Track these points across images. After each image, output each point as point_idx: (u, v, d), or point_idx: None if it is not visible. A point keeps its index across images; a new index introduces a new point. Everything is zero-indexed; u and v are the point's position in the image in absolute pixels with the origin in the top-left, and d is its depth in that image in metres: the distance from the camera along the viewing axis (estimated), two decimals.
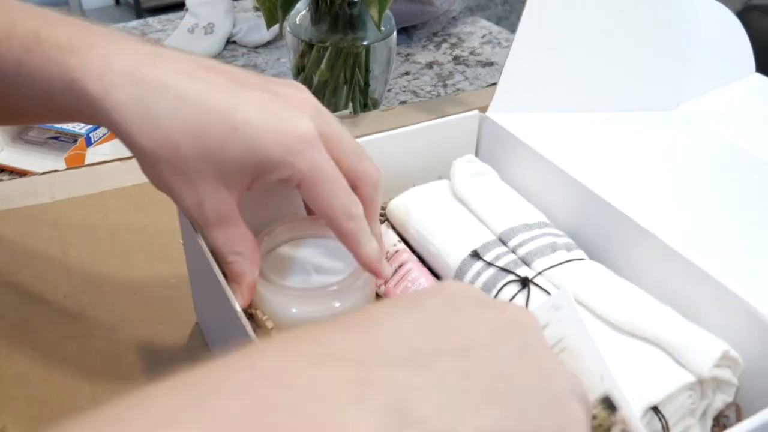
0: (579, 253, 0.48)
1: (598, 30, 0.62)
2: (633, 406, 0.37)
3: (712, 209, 0.52)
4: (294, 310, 0.43)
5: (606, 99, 0.63)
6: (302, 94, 0.41)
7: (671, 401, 0.38)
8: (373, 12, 0.70)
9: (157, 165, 0.39)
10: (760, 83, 0.72)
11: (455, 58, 1.10)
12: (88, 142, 0.79)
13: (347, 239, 0.41)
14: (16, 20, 0.40)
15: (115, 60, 0.38)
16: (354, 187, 0.41)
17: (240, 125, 0.37)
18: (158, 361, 0.52)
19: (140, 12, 3.60)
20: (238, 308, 0.39)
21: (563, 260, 0.47)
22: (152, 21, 1.23)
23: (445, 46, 1.14)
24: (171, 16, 1.24)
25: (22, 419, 0.47)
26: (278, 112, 0.38)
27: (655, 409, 0.38)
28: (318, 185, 0.39)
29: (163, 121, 0.37)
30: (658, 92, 0.67)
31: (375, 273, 0.43)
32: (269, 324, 0.43)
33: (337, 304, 0.44)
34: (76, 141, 0.80)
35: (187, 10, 1.17)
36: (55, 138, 0.81)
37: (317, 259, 0.48)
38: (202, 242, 0.43)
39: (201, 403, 0.22)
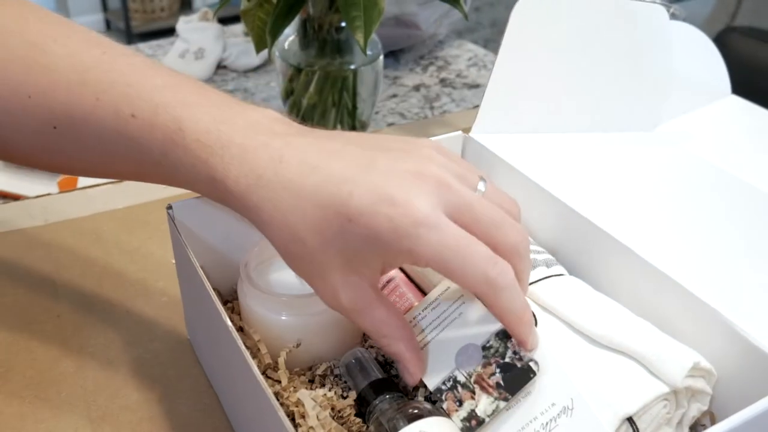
0: (558, 269, 0.50)
1: (578, 53, 0.64)
2: (607, 416, 0.39)
3: (688, 226, 0.54)
4: (283, 317, 0.45)
5: (586, 120, 0.65)
6: (425, 165, 0.39)
7: (646, 412, 0.40)
8: (359, 37, 0.72)
9: (291, 259, 0.40)
10: (735, 105, 0.74)
11: (442, 80, 1.12)
12: None
13: (496, 311, 0.40)
14: (159, 106, 0.41)
15: (248, 159, 0.39)
16: None
17: (354, 217, 0.37)
18: (151, 376, 0.53)
19: (131, 37, 3.63)
20: (229, 323, 0.41)
21: (543, 276, 0.48)
22: (143, 47, 1.24)
23: (431, 68, 1.16)
24: (162, 41, 1.26)
25: None
26: (393, 195, 0.37)
27: (630, 420, 0.39)
28: (446, 265, 0.37)
29: (289, 218, 0.38)
30: (637, 113, 0.69)
31: (520, 342, 0.41)
32: (256, 336, 0.45)
33: (322, 312, 0.46)
34: None
35: (177, 35, 1.19)
36: None
37: None
38: (195, 261, 0.45)
39: None
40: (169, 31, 1.24)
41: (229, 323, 0.41)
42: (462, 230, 0.37)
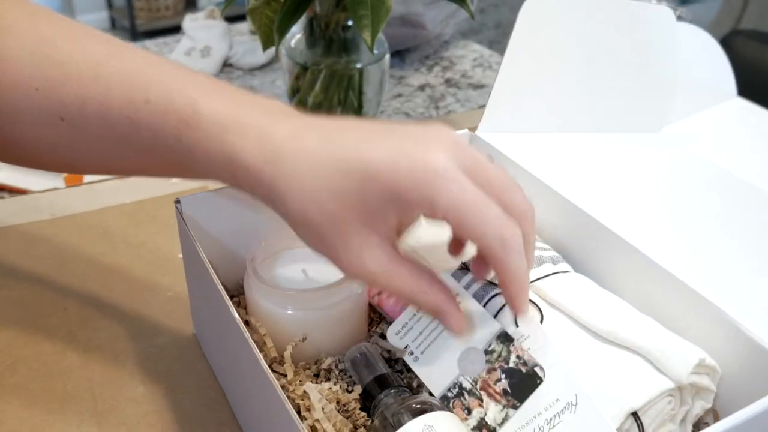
0: (564, 266, 0.50)
1: (585, 54, 0.64)
2: (613, 411, 0.39)
3: (692, 225, 0.54)
4: (289, 311, 0.45)
5: (592, 120, 0.66)
6: (437, 132, 0.40)
7: (651, 407, 0.40)
8: (366, 36, 0.72)
9: (309, 231, 0.40)
10: (741, 106, 0.74)
11: (447, 80, 1.12)
12: None
13: (499, 267, 0.40)
14: (173, 91, 0.42)
15: (265, 136, 0.40)
16: None
17: (373, 174, 0.38)
18: (157, 371, 0.53)
19: (136, 35, 3.64)
20: (237, 316, 0.41)
21: (549, 273, 0.48)
22: (149, 44, 1.25)
23: (437, 68, 1.16)
24: (168, 39, 1.26)
25: (26, 428, 0.48)
26: (409, 151, 0.38)
27: (635, 415, 0.39)
28: (464, 218, 0.37)
29: (307, 185, 0.38)
30: (643, 114, 0.69)
31: (514, 306, 0.42)
32: (262, 330, 0.45)
33: (328, 306, 0.46)
34: None
35: (184, 33, 1.19)
36: None
37: (313, 265, 0.49)
38: (203, 255, 0.45)
39: None
40: (174, 30, 1.24)
41: (237, 316, 0.41)
42: (478, 188, 0.38)
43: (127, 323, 0.57)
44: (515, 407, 0.41)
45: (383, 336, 0.50)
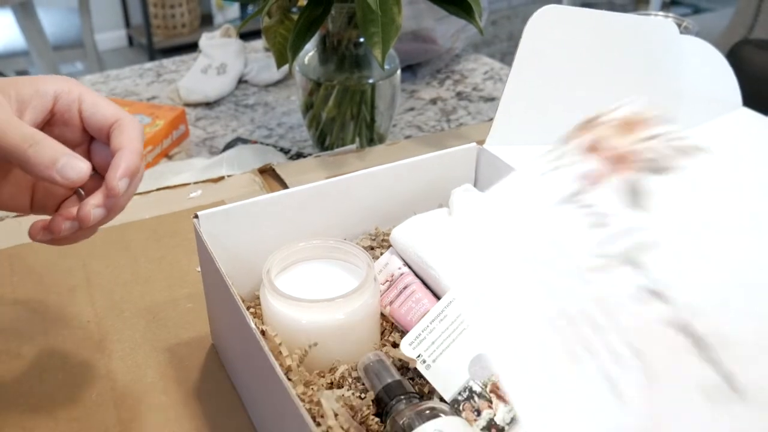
0: None
1: (590, 66, 0.66)
2: None
3: (699, 232, 0.55)
4: (304, 321, 0.47)
5: None
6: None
7: None
8: (377, 53, 0.74)
9: None
10: (745, 117, 0.76)
11: (458, 93, 1.14)
12: None
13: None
14: None
15: None
16: None
17: None
18: (177, 379, 0.55)
19: (153, 53, 3.68)
20: (254, 326, 0.43)
21: None
22: (167, 62, 1.28)
23: (448, 82, 1.18)
24: (185, 57, 1.29)
25: None
26: None
27: None
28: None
29: None
30: None
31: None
32: (278, 339, 0.47)
33: (341, 316, 0.48)
34: None
35: (200, 51, 1.22)
36: None
37: (326, 274, 0.51)
38: (220, 267, 0.47)
39: None
40: (191, 47, 1.27)
41: (253, 326, 0.43)
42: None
43: (149, 334, 0.59)
44: None
45: (395, 345, 0.52)
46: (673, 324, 0.29)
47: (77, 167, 0.44)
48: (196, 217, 0.52)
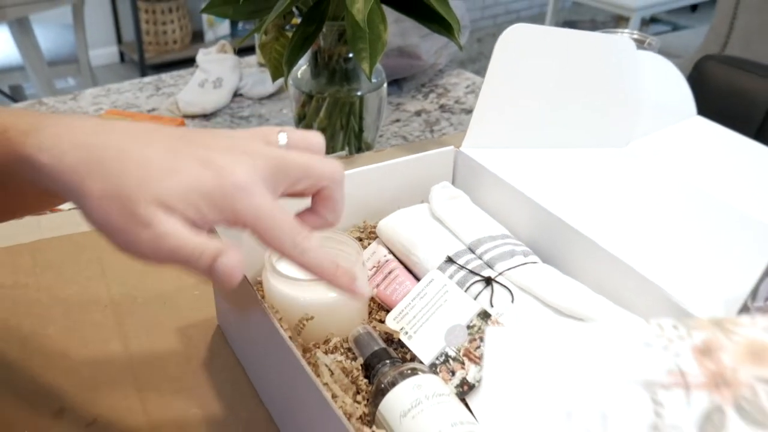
0: (534, 257, 0.59)
1: (558, 78, 0.74)
2: None
3: (647, 224, 0.63)
4: (301, 299, 0.54)
5: (565, 137, 0.75)
6: (265, 147, 0.46)
7: None
8: (365, 67, 0.81)
9: (102, 208, 0.42)
10: (699, 124, 0.83)
11: (441, 106, 1.21)
12: None
13: (308, 269, 0.45)
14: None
15: (64, 135, 0.43)
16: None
17: (177, 176, 0.42)
18: (187, 354, 0.62)
19: (144, 69, 3.75)
20: (260, 297, 0.50)
21: (520, 263, 0.57)
22: (165, 76, 1.35)
23: (432, 95, 1.26)
24: (182, 72, 1.36)
25: (78, 401, 0.57)
26: (217, 161, 0.43)
27: None
28: (262, 228, 0.43)
29: (108, 170, 0.42)
30: (610, 132, 0.78)
31: (346, 287, 0.47)
32: (278, 316, 0.54)
33: (334, 294, 0.55)
34: None
35: (197, 66, 1.29)
36: None
37: None
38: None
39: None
40: (182, 63, 1.34)
41: (258, 295, 0.50)
42: (273, 201, 0.44)
43: (160, 317, 0.66)
44: None
45: (382, 321, 0.59)
46: None
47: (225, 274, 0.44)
48: None
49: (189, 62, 1.32)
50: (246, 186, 0.43)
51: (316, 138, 0.50)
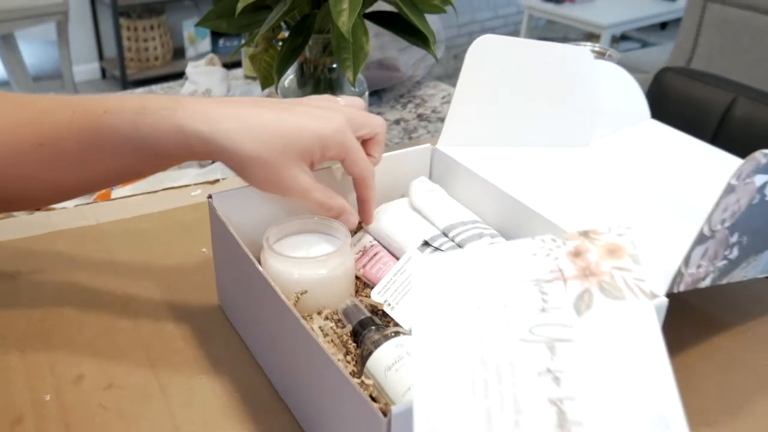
0: (500, 239, 0.66)
1: (524, 83, 0.82)
2: None
3: (603, 210, 0.71)
4: (296, 275, 0.61)
5: (531, 137, 0.83)
6: (334, 103, 0.66)
7: None
8: (349, 74, 0.89)
9: (259, 165, 0.59)
10: (652, 127, 0.92)
11: (419, 115, 1.29)
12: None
13: (365, 189, 0.67)
14: (124, 98, 0.60)
15: (208, 109, 0.59)
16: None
17: (306, 124, 0.60)
18: (191, 329, 0.69)
19: (126, 85, 3.81)
20: (260, 268, 0.57)
21: (487, 244, 0.65)
22: (156, 88, 1.42)
23: (410, 105, 1.34)
24: (172, 83, 1.43)
25: (95, 369, 0.64)
26: (325, 115, 0.62)
27: None
28: (354, 155, 0.63)
29: (257, 135, 0.59)
30: (572, 133, 0.86)
31: (367, 214, 0.70)
32: (277, 289, 0.61)
33: (324, 271, 0.62)
34: None
35: (187, 78, 1.36)
36: None
37: (313, 243, 0.66)
38: (231, 229, 0.61)
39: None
40: (163, 79, 1.41)
41: (260, 268, 0.57)
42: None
43: (166, 298, 0.73)
44: None
45: (368, 297, 0.66)
46: (553, 401, 0.38)
47: (351, 222, 0.66)
48: (210, 197, 0.66)
49: (170, 78, 1.39)
50: (346, 128, 0.62)
51: (359, 101, 0.69)
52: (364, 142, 0.67)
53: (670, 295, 0.56)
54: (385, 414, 0.45)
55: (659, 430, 0.36)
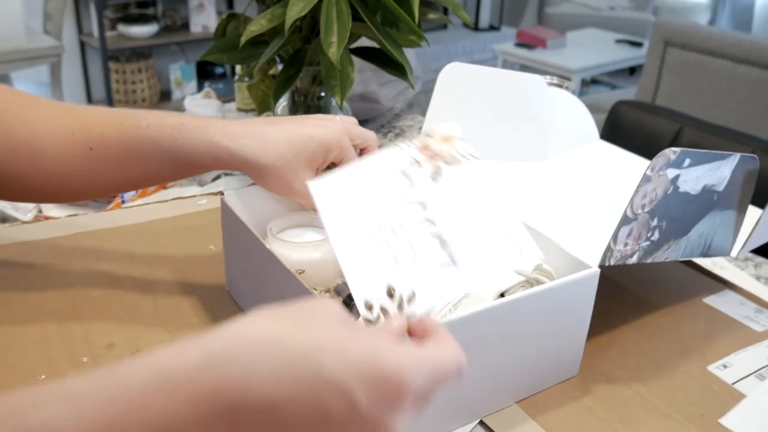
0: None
1: (489, 106, 0.95)
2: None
3: (556, 212, 0.84)
4: (294, 257, 0.73)
5: (495, 152, 0.96)
6: (328, 117, 0.77)
7: (512, 290, 0.69)
8: (337, 98, 1.02)
9: (274, 172, 0.71)
10: (601, 146, 1.06)
11: None
12: (123, 200, 1.09)
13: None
14: (162, 115, 0.73)
15: (234, 128, 0.72)
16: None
17: (312, 134, 0.72)
18: (204, 308, 0.80)
19: None
20: (267, 246, 0.69)
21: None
22: None
23: (390, 135, 1.47)
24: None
25: (124, 338, 0.75)
26: (327, 125, 0.74)
27: (502, 294, 0.68)
28: (352, 158, 0.74)
29: (272, 148, 0.71)
30: (531, 150, 1.00)
31: None
32: (283, 262, 0.73)
33: (318, 255, 0.74)
34: (112, 200, 1.09)
35: (185, 110, 1.49)
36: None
37: (309, 233, 0.78)
38: (241, 218, 0.73)
39: None
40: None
41: (268, 246, 0.69)
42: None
43: (180, 284, 0.84)
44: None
45: None
46: (435, 235, 0.58)
47: None
48: (222, 194, 0.78)
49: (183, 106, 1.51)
50: (344, 135, 0.74)
51: (353, 119, 0.79)
52: (359, 152, 0.79)
53: (603, 267, 0.69)
54: None
55: (510, 239, 0.59)
